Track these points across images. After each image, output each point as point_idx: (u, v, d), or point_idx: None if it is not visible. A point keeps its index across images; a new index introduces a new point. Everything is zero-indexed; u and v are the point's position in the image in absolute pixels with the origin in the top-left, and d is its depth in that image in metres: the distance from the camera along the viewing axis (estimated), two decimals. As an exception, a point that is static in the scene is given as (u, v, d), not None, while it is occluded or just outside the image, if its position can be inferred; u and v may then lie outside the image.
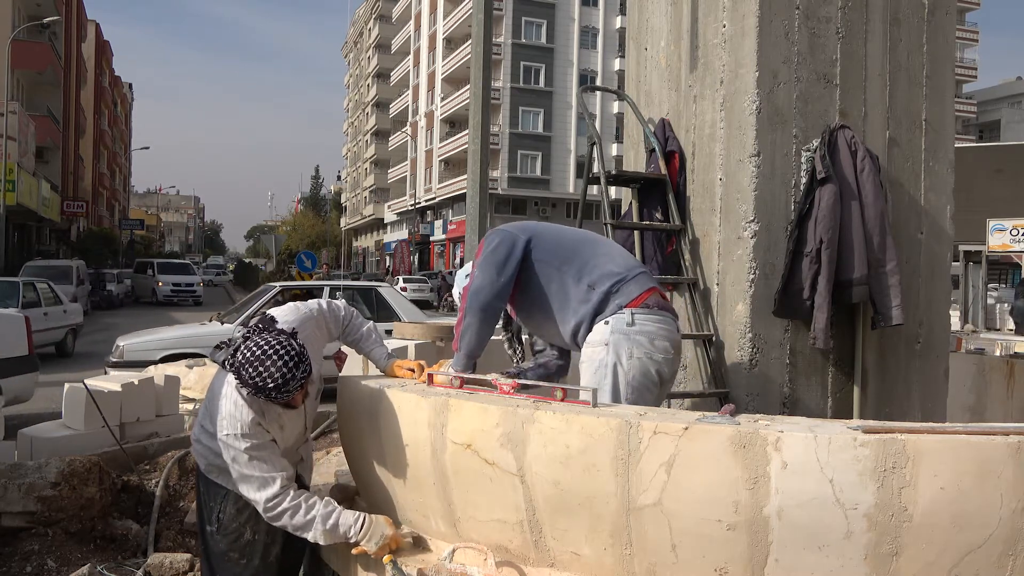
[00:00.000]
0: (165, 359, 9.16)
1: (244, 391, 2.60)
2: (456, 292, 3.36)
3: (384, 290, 11.17)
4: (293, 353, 2.56)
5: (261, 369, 2.52)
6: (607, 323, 2.88)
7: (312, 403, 2.99)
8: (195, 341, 9.58)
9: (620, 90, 4.63)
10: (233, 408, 2.66)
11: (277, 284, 11.04)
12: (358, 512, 2.75)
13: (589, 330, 2.93)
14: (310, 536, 2.70)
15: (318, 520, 2.67)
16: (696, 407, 3.56)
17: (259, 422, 2.67)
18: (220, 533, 2.90)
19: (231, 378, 2.64)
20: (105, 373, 9.52)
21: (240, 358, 2.55)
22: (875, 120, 3.72)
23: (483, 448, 2.49)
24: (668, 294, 3.87)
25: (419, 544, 2.83)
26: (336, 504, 2.75)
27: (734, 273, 3.58)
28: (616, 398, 2.82)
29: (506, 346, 3.56)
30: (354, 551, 2.73)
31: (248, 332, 2.64)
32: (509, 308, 3.20)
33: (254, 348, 2.55)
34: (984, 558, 2.05)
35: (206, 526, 2.94)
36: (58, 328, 14.16)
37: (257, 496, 2.67)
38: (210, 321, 10.37)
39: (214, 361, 2.74)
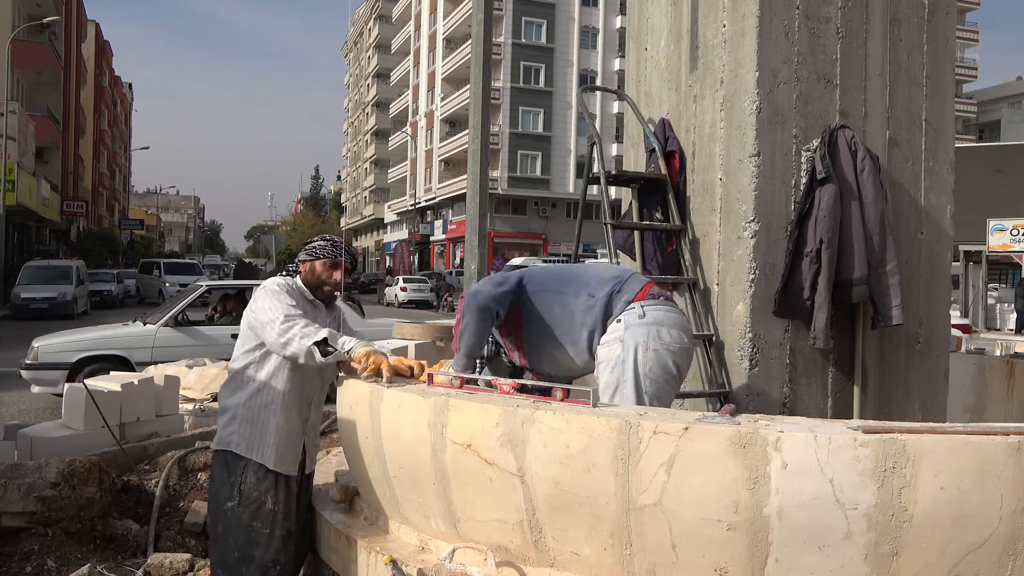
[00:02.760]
0: (83, 361, 8.69)
1: (301, 266, 3.27)
2: None
3: None
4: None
5: (321, 239, 3.31)
6: (619, 320, 2.94)
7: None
8: (115, 343, 9.02)
9: (620, 90, 4.63)
10: (280, 278, 3.23)
11: (204, 283, 10.41)
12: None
13: (603, 333, 2.96)
14: (315, 337, 2.92)
15: (325, 329, 2.97)
16: (696, 407, 3.56)
17: (294, 293, 3.16)
18: (242, 504, 3.07)
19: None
20: (19, 377, 9.01)
21: (306, 247, 3.31)
22: (875, 120, 3.72)
23: (483, 448, 2.49)
24: (668, 294, 3.88)
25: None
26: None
27: (734, 273, 3.58)
28: (638, 392, 2.82)
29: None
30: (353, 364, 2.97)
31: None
32: (518, 358, 3.23)
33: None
34: (984, 558, 2.05)
35: (225, 504, 3.09)
36: None
37: (277, 316, 2.98)
38: (133, 322, 9.67)
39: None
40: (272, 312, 3.01)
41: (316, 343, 2.89)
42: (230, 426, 3.13)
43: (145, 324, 9.34)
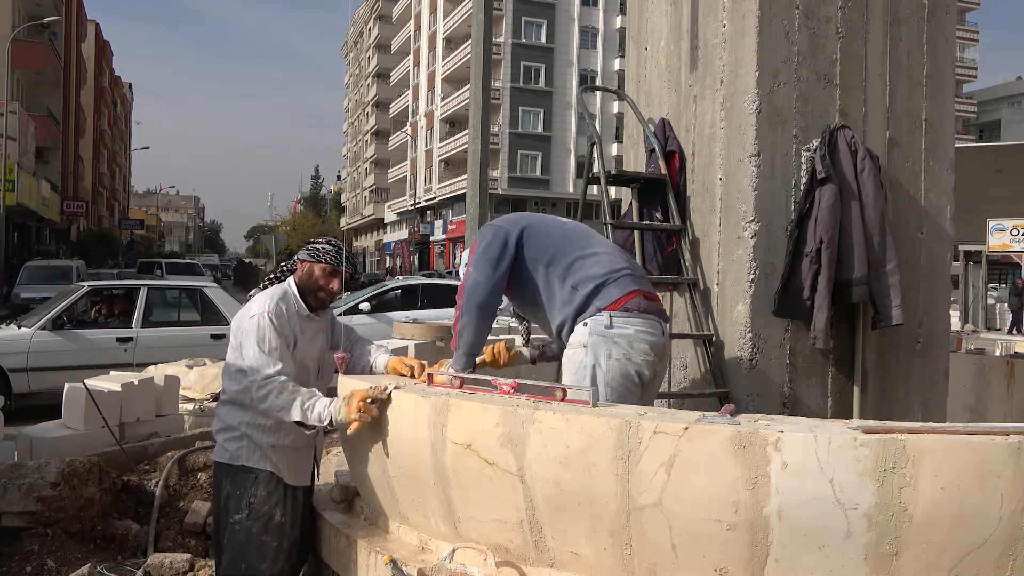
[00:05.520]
0: None
1: (301, 266, 3.14)
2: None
3: (210, 291, 9.78)
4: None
5: (325, 243, 3.19)
6: (586, 324, 2.90)
7: (325, 350, 3.26)
8: None
9: (620, 90, 4.63)
10: (268, 298, 3.05)
11: (86, 284, 9.68)
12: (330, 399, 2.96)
13: (571, 330, 2.95)
14: (288, 413, 2.91)
15: (297, 400, 2.90)
16: (696, 407, 3.56)
17: (284, 316, 3.02)
18: (252, 518, 3.01)
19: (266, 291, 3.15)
20: None
21: (308, 246, 3.19)
22: (875, 120, 3.72)
23: (483, 448, 2.49)
24: (668, 294, 3.87)
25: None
26: (321, 397, 2.96)
27: (734, 273, 3.58)
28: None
29: (516, 322, 3.59)
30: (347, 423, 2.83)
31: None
32: (506, 296, 3.21)
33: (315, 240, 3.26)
34: (984, 558, 2.05)
35: (232, 516, 3.02)
36: None
37: (259, 368, 2.90)
38: (7, 325, 9.03)
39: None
40: (254, 360, 2.93)
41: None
42: (238, 442, 3.03)
43: (20, 327, 8.63)
